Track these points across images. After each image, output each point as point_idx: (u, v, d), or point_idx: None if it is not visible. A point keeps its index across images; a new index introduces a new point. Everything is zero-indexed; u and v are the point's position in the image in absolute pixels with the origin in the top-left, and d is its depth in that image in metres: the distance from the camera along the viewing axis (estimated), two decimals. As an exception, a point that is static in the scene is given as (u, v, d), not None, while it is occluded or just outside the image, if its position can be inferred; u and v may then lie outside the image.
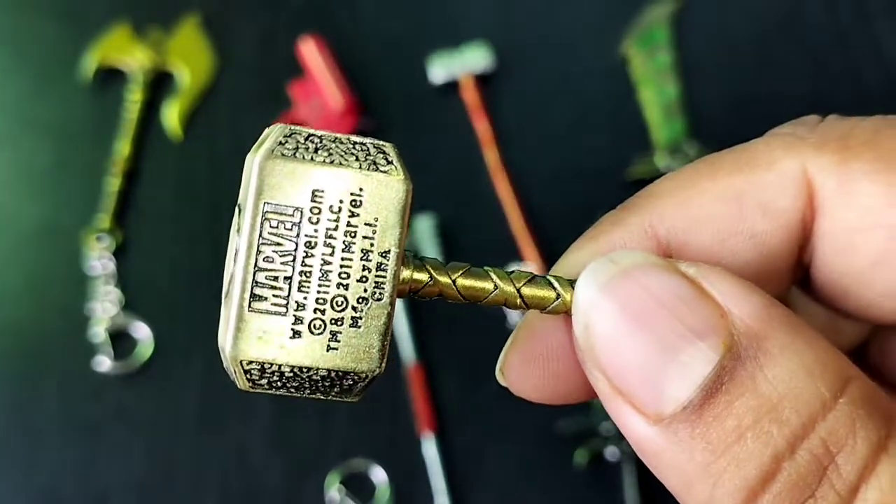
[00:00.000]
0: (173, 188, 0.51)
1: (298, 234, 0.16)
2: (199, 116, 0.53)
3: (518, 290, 0.16)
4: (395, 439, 0.46)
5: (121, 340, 0.48)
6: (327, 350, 0.16)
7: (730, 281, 0.13)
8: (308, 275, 0.16)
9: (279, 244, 0.16)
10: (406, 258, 0.17)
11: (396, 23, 0.55)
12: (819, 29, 0.54)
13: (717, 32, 0.55)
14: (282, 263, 0.16)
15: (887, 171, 0.14)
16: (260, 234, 0.16)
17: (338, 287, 0.16)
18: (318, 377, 0.16)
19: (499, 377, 0.18)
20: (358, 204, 0.16)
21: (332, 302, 0.16)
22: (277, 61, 0.54)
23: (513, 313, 0.47)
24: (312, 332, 0.16)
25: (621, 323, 0.14)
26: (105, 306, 0.48)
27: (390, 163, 0.16)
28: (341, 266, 0.16)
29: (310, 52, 0.53)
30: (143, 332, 0.48)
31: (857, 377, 0.13)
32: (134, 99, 0.52)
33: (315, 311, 0.16)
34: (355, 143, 0.16)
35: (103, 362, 0.47)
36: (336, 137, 0.16)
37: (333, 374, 0.17)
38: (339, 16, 0.55)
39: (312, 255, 0.16)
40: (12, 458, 0.45)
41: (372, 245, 0.16)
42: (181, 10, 0.55)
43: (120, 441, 0.46)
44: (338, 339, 0.16)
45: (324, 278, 0.16)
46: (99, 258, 0.49)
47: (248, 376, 0.16)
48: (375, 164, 0.16)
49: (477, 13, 0.55)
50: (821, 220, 0.15)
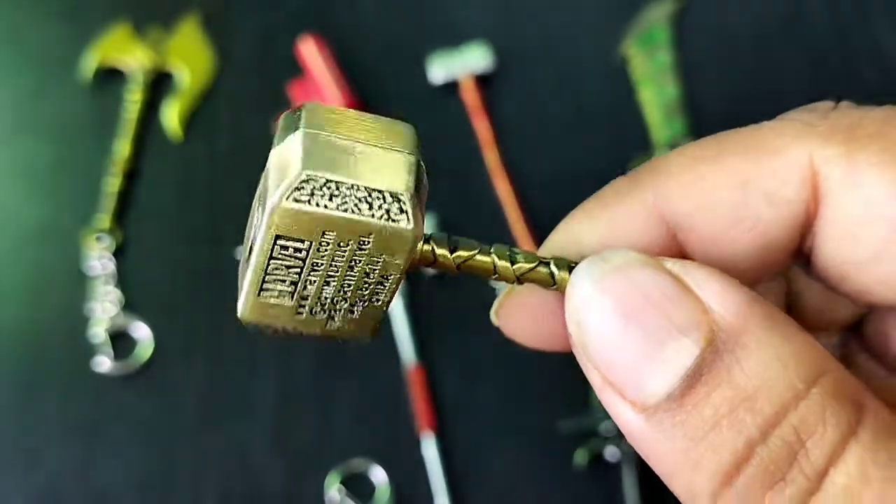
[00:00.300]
0: (173, 188, 0.51)
1: (306, 257, 0.17)
2: (199, 116, 0.53)
3: (517, 277, 0.17)
4: (395, 439, 0.46)
5: (121, 340, 0.48)
6: (325, 325, 0.19)
7: (713, 278, 0.14)
8: (312, 282, 0.18)
9: (288, 262, 0.17)
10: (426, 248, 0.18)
11: (396, 23, 0.55)
12: (819, 29, 0.54)
13: (717, 32, 0.55)
14: (290, 272, 0.17)
15: (893, 163, 0.14)
16: (270, 255, 0.17)
17: (338, 292, 0.18)
18: (315, 337, 0.19)
19: (493, 318, 0.19)
20: (366, 244, 0.17)
21: (332, 299, 0.18)
22: (277, 61, 0.54)
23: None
24: (313, 314, 0.18)
25: (611, 319, 0.15)
26: (105, 306, 0.48)
27: (403, 212, 0.17)
28: (345, 279, 0.18)
29: (310, 51, 0.53)
30: (143, 332, 0.48)
31: (830, 369, 0.14)
32: (134, 99, 0.52)
33: (317, 303, 0.18)
34: (371, 190, 0.17)
35: (103, 363, 0.47)
36: (353, 184, 0.17)
37: (328, 337, 0.19)
38: (339, 16, 0.55)
39: (318, 271, 0.18)
40: (12, 458, 0.45)
41: (374, 270, 0.17)
42: (181, 10, 0.55)
43: (120, 441, 0.46)
44: (335, 320, 0.19)
45: (327, 285, 0.18)
46: (99, 258, 0.49)
47: (256, 329, 0.19)
48: (388, 213, 0.17)
49: (477, 13, 0.55)
50: (824, 210, 0.15)
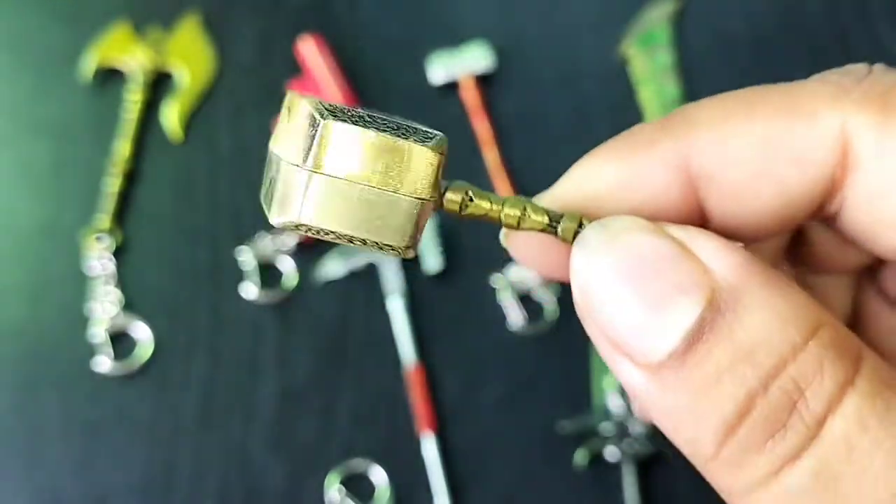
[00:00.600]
0: (173, 188, 0.51)
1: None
2: (199, 116, 0.53)
3: (529, 226, 0.19)
4: (395, 439, 0.46)
5: (121, 341, 0.48)
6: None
7: (712, 241, 0.15)
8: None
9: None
10: (442, 183, 0.19)
11: (396, 23, 0.55)
12: (819, 29, 0.54)
13: (717, 32, 0.55)
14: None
15: None
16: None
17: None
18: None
19: (502, 240, 0.20)
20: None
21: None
22: (277, 61, 0.54)
23: (513, 317, 0.47)
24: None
25: (614, 282, 0.15)
26: (105, 306, 0.48)
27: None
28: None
29: (310, 51, 0.53)
30: (143, 332, 0.48)
31: (827, 323, 0.15)
32: (134, 99, 0.52)
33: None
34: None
35: (103, 363, 0.47)
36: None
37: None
38: (339, 16, 0.55)
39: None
40: (13, 458, 0.45)
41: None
42: (181, 10, 0.55)
43: (120, 441, 0.46)
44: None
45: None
46: (99, 258, 0.49)
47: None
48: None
49: (477, 13, 0.55)
50: (855, 176, 0.15)
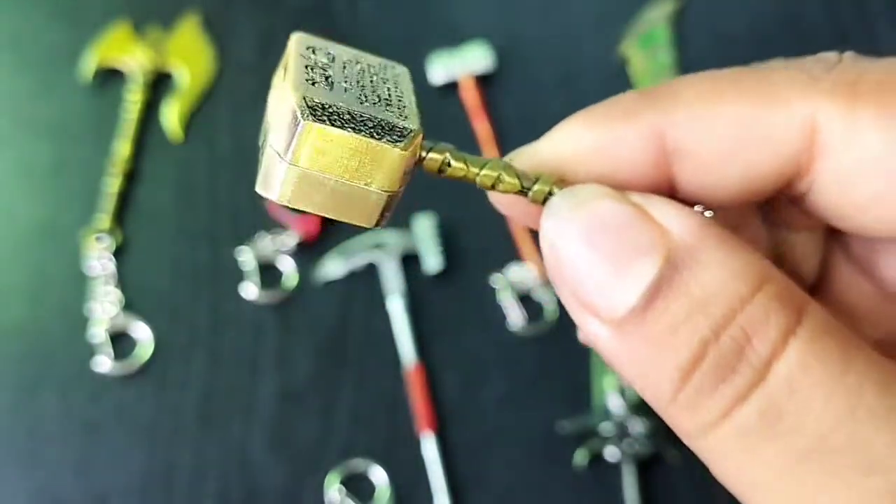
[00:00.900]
0: (173, 188, 0.51)
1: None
2: (199, 116, 0.53)
3: (504, 189, 0.19)
4: (395, 439, 0.46)
5: (121, 341, 0.48)
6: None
7: (669, 206, 0.16)
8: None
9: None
10: (425, 144, 0.19)
11: (396, 23, 0.55)
12: (819, 29, 0.54)
13: (717, 32, 0.55)
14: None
15: (889, 119, 0.16)
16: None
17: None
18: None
19: (489, 195, 0.21)
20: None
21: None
22: (277, 61, 0.53)
23: (513, 317, 0.47)
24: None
25: (580, 244, 0.17)
26: (105, 307, 0.48)
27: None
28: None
29: (310, 52, 0.53)
30: (143, 332, 0.48)
31: (773, 278, 0.16)
32: (134, 99, 0.52)
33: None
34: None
35: (103, 363, 0.47)
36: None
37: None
38: (339, 16, 0.55)
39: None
40: (12, 458, 0.45)
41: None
42: (181, 10, 0.55)
43: (120, 441, 0.46)
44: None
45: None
46: (99, 258, 0.49)
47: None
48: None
49: (477, 13, 0.55)
50: (822, 162, 0.17)
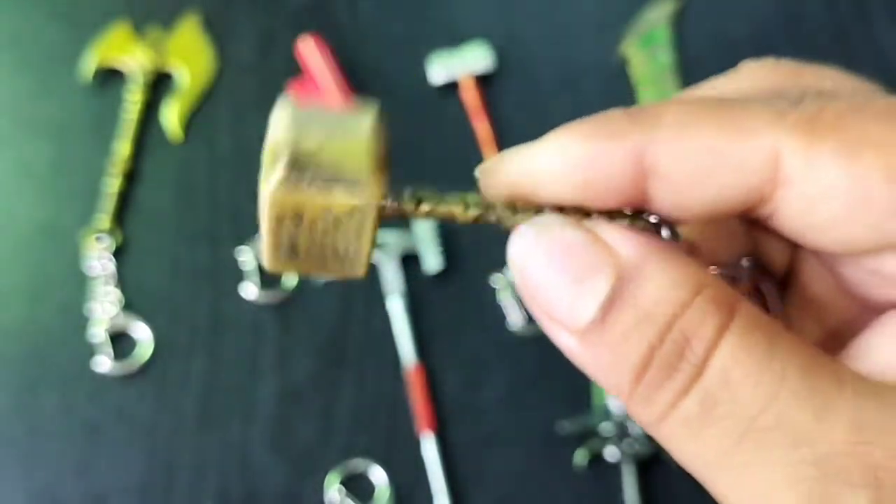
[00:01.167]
0: (173, 188, 0.51)
1: (300, 224, 0.20)
2: (199, 116, 0.53)
3: (472, 218, 0.21)
4: (395, 439, 0.46)
5: (121, 341, 0.48)
6: (325, 265, 0.21)
7: (617, 230, 0.19)
8: (310, 238, 0.21)
9: (290, 230, 0.21)
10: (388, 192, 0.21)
11: (396, 23, 0.55)
12: (819, 29, 0.54)
13: (717, 32, 0.55)
14: (293, 236, 0.21)
15: (846, 154, 0.18)
16: (272, 227, 0.20)
17: (329, 241, 0.21)
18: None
19: (477, 172, 0.23)
20: (342, 210, 0.20)
21: (327, 248, 0.21)
22: (277, 61, 0.54)
23: (513, 317, 0.47)
24: (312, 258, 0.21)
25: (544, 267, 0.19)
26: (105, 307, 0.48)
27: (361, 186, 0.20)
28: (334, 233, 0.21)
29: (310, 51, 0.53)
30: (143, 332, 0.48)
31: (708, 283, 0.19)
32: (134, 99, 0.52)
33: (314, 250, 0.21)
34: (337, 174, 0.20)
35: (103, 363, 0.47)
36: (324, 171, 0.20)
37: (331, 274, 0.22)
38: (339, 16, 0.55)
39: (313, 232, 0.21)
40: (12, 458, 0.45)
41: (352, 223, 0.20)
42: (181, 10, 0.55)
43: (120, 441, 0.46)
44: (332, 261, 0.21)
45: (323, 238, 0.21)
46: (99, 258, 0.49)
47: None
48: (355, 187, 0.20)
49: (477, 13, 0.55)
50: (784, 190, 0.19)
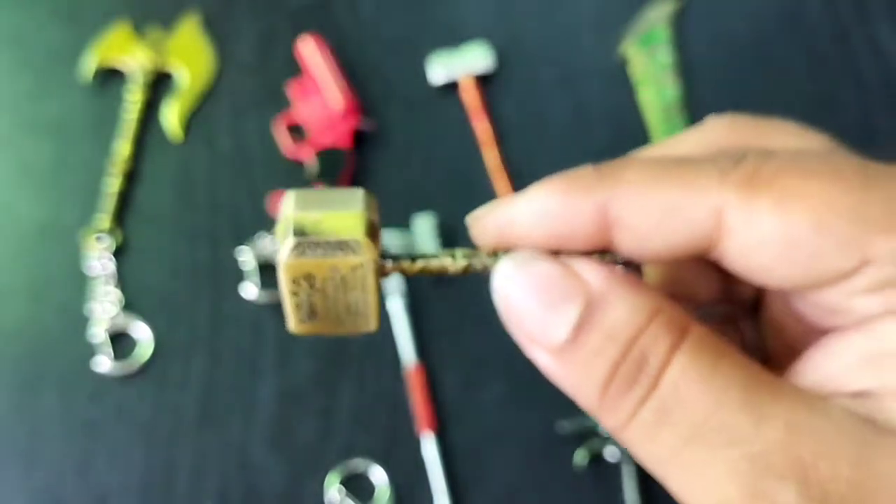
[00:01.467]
0: (173, 188, 0.51)
1: (312, 285, 0.24)
2: (199, 116, 0.53)
3: (462, 268, 0.24)
4: (395, 439, 0.46)
5: (121, 341, 0.48)
6: (337, 325, 0.25)
7: (587, 263, 0.22)
8: (321, 300, 0.24)
9: (304, 292, 0.24)
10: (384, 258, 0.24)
11: (396, 23, 0.55)
12: (819, 29, 0.54)
13: (717, 32, 0.55)
14: (308, 298, 0.24)
15: (778, 207, 0.21)
16: (288, 291, 0.24)
17: (340, 300, 0.24)
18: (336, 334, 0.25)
19: (468, 220, 0.25)
20: (345, 271, 0.23)
21: (339, 307, 0.24)
22: (277, 61, 0.54)
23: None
24: (324, 319, 0.24)
25: (524, 295, 0.22)
26: (105, 307, 0.48)
27: (358, 251, 0.23)
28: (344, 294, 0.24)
29: (310, 51, 0.53)
30: (142, 332, 0.48)
31: (663, 309, 0.21)
32: (134, 99, 0.52)
33: (327, 312, 0.24)
34: (339, 241, 0.23)
35: (103, 363, 0.47)
36: (326, 241, 0.23)
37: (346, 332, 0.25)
38: (339, 16, 0.55)
39: (323, 293, 0.24)
40: (12, 458, 0.45)
41: (356, 283, 0.24)
42: (181, 10, 0.55)
43: (120, 441, 0.46)
44: (345, 320, 0.24)
45: (335, 298, 0.24)
46: (99, 258, 0.49)
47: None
48: (353, 251, 0.23)
49: (477, 13, 0.55)
50: (727, 239, 0.22)
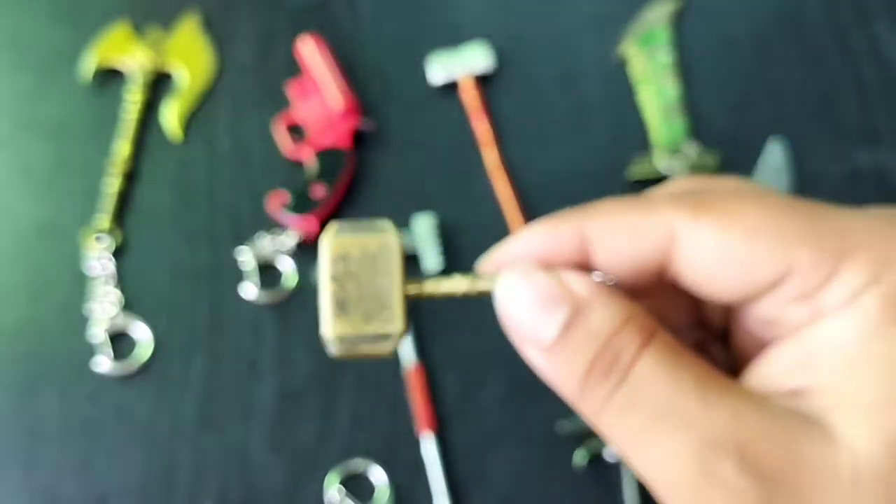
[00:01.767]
0: (173, 188, 0.51)
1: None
2: (199, 116, 0.53)
3: (464, 294, 0.27)
4: (395, 439, 0.46)
5: (120, 341, 0.48)
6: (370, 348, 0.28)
7: (575, 275, 0.25)
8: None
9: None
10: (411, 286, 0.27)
11: (396, 23, 0.55)
12: (819, 29, 0.54)
13: (716, 32, 0.55)
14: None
15: (717, 224, 0.24)
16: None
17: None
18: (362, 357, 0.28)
19: (476, 264, 0.28)
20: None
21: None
22: (277, 61, 0.54)
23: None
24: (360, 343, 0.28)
25: (521, 301, 0.25)
26: (104, 307, 0.48)
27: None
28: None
29: (309, 51, 0.53)
30: (142, 332, 0.48)
31: (636, 315, 0.25)
32: (133, 99, 0.52)
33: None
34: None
35: (103, 363, 0.47)
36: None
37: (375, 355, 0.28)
38: (339, 16, 0.55)
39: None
40: (12, 458, 0.45)
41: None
42: (181, 10, 0.55)
43: (119, 441, 0.46)
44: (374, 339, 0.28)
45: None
46: (99, 258, 0.49)
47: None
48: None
49: (477, 13, 0.55)
50: (678, 250, 0.25)
